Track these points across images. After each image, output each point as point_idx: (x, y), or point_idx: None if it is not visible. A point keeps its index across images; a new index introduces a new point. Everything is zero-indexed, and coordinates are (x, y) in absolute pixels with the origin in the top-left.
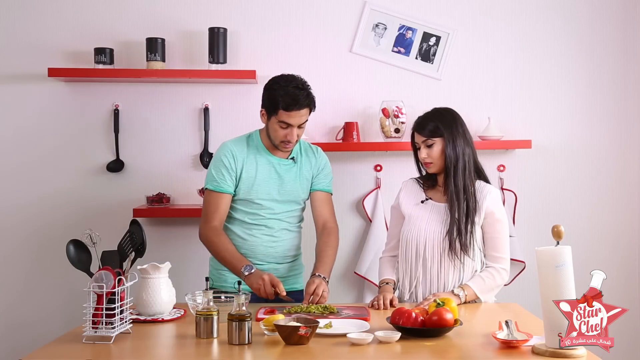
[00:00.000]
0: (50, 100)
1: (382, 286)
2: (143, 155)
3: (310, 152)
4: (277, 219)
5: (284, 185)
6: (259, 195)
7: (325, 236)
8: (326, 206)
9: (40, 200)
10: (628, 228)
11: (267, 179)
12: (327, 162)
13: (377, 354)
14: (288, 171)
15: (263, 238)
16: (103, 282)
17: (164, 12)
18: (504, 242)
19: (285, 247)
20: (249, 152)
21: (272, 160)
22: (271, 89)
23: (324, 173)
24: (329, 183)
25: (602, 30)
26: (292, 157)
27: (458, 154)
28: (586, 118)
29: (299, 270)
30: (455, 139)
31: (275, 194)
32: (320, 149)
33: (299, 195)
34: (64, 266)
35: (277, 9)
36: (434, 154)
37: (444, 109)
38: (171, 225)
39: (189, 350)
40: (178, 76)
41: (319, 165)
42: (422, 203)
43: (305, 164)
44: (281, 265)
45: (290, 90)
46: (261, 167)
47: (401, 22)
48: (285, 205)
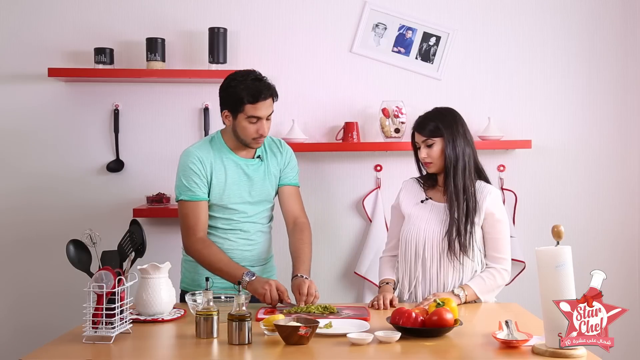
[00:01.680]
0: (50, 100)
1: (382, 286)
2: (143, 155)
3: (275, 147)
4: (251, 221)
5: (254, 186)
6: (232, 200)
7: (298, 233)
8: (295, 201)
9: (40, 200)
10: (628, 228)
11: (238, 182)
12: (292, 154)
13: (377, 354)
14: (256, 171)
15: (239, 242)
16: (103, 282)
17: (164, 12)
18: (505, 242)
19: (261, 250)
20: (214, 155)
21: (238, 161)
22: (230, 87)
23: (290, 166)
24: (295, 176)
25: (602, 30)
26: (259, 156)
27: (458, 154)
28: (586, 118)
29: (272, 271)
30: (456, 139)
31: (247, 197)
32: (284, 142)
33: (270, 193)
34: (64, 266)
35: (277, 9)
36: (433, 154)
37: (444, 109)
38: (171, 225)
39: (189, 350)
40: (178, 76)
41: (285, 159)
42: (421, 203)
43: (271, 161)
44: (255, 268)
45: (250, 84)
46: (230, 171)
47: (401, 22)
48: (257, 206)
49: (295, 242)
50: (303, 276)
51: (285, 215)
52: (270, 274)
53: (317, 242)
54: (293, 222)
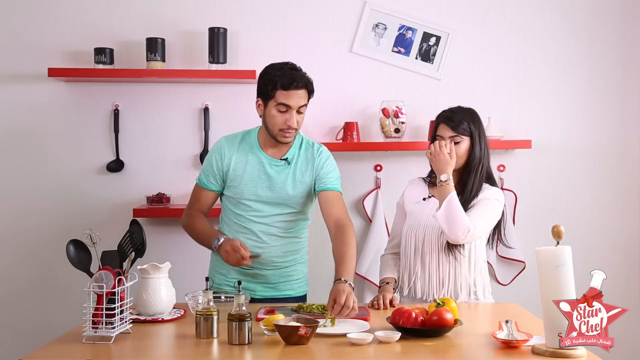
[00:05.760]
0: (50, 100)
1: (382, 286)
2: (143, 155)
3: (310, 152)
4: (265, 223)
5: (273, 187)
6: (244, 195)
7: (340, 235)
8: (335, 205)
9: (40, 200)
10: (628, 228)
11: (255, 179)
12: (328, 159)
13: (377, 354)
14: (279, 172)
15: (249, 243)
16: (103, 282)
17: (164, 12)
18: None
19: (273, 253)
20: (240, 148)
21: (262, 159)
22: (266, 74)
23: (325, 171)
24: (334, 181)
25: (602, 30)
26: (286, 158)
27: (482, 156)
28: (586, 118)
29: (294, 276)
30: (481, 141)
31: (262, 195)
32: (323, 148)
33: (290, 198)
34: (64, 266)
35: (277, 9)
36: (460, 152)
37: (472, 109)
38: (171, 225)
39: (189, 350)
40: (178, 76)
41: (318, 164)
42: (423, 200)
43: (301, 165)
44: (268, 271)
45: (285, 71)
46: (250, 166)
47: (401, 22)
48: (273, 207)
49: (337, 245)
50: (344, 280)
51: (327, 220)
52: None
53: (317, 242)
54: (334, 224)
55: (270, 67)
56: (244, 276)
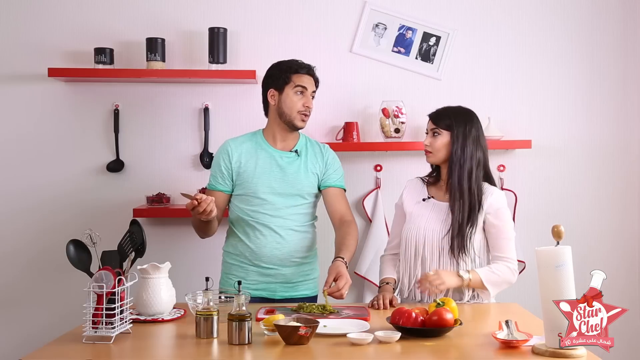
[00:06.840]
0: (50, 100)
1: (382, 286)
2: (143, 155)
3: (317, 148)
4: (280, 216)
5: (286, 178)
6: (259, 189)
7: (344, 227)
8: (340, 202)
9: (40, 201)
10: (628, 228)
11: (268, 172)
12: (334, 157)
13: (377, 354)
14: (290, 163)
15: (268, 239)
16: (103, 282)
17: (164, 12)
18: (507, 242)
19: (292, 249)
20: (249, 146)
21: (273, 153)
22: (278, 65)
23: (332, 168)
24: (339, 179)
25: (602, 30)
26: (296, 150)
27: (466, 156)
28: (586, 118)
29: (311, 275)
30: (466, 140)
31: (277, 187)
32: (328, 146)
33: (304, 188)
34: (64, 266)
35: (277, 9)
36: (436, 145)
37: (465, 108)
38: (171, 225)
39: (189, 350)
40: (178, 76)
41: (326, 160)
42: (423, 201)
43: (310, 158)
44: (288, 269)
45: (294, 61)
46: (261, 161)
47: (401, 22)
48: (288, 199)
49: (340, 234)
50: (343, 259)
51: (331, 216)
52: (309, 277)
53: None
54: (339, 220)
55: (277, 62)
56: (265, 277)
